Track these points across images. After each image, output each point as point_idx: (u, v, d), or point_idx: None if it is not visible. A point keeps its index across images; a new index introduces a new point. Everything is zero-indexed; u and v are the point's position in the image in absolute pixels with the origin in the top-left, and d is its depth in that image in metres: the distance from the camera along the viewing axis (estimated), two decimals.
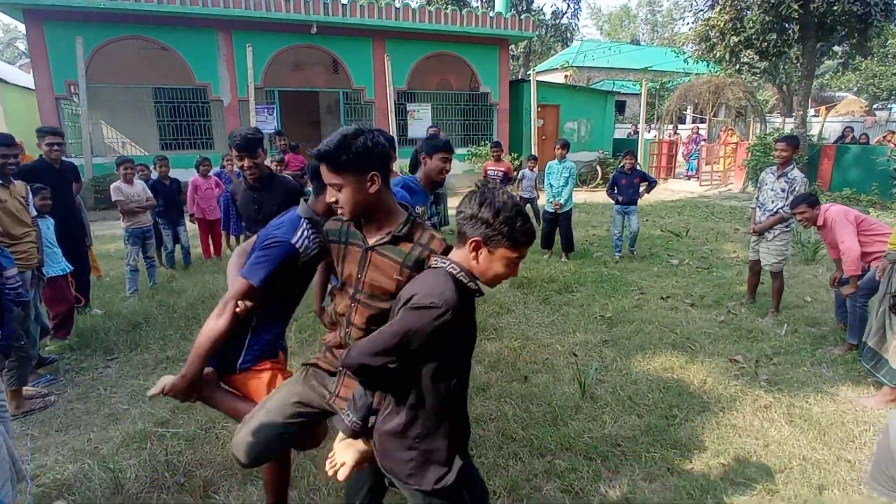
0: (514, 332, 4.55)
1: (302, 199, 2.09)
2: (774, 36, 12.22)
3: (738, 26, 12.51)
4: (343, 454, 1.64)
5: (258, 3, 11.44)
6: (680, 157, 17.01)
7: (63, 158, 4.68)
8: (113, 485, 2.60)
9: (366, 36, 12.78)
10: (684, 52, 16.63)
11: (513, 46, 19.59)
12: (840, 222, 4.00)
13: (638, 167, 7.10)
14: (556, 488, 2.62)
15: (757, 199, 4.99)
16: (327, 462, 1.69)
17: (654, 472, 2.75)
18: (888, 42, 20.01)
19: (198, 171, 6.53)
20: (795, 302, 5.24)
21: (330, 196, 1.69)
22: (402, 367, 1.49)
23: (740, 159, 13.18)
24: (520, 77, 20.95)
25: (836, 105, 21.12)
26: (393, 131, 12.74)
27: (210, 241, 6.80)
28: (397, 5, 12.71)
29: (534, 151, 14.15)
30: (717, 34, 12.89)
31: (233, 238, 6.59)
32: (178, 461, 2.81)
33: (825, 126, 15.45)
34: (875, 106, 21.97)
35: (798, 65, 13.70)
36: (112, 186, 5.36)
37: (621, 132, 20.04)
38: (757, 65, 14.19)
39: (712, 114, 18.27)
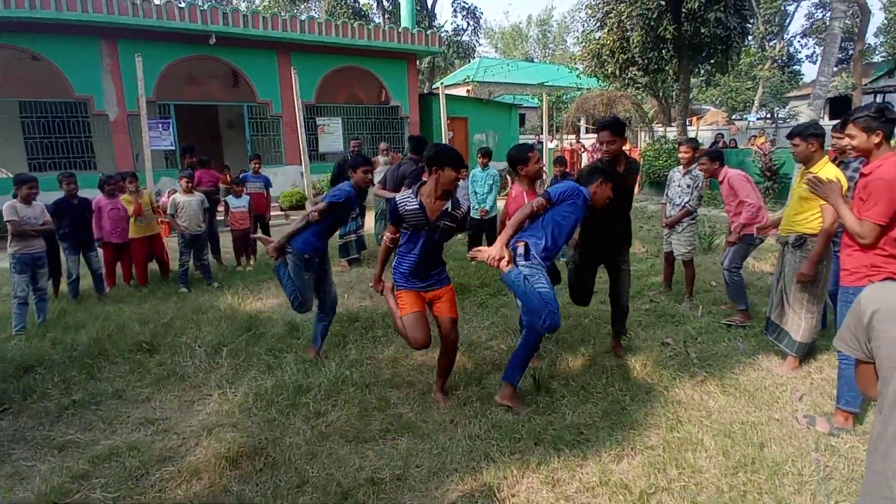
0: (460, 338, 4.55)
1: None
2: (654, 54, 13.53)
3: (624, 46, 13.70)
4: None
5: (148, 10, 10.61)
6: (585, 164, 18.17)
7: None
8: None
9: (270, 48, 12.33)
10: (577, 69, 17.89)
11: (417, 61, 19.93)
12: (741, 183, 4.66)
13: (569, 175, 7.45)
14: (535, 482, 2.64)
15: (666, 195, 5.44)
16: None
17: (619, 453, 2.86)
18: (741, 60, 22.96)
19: (102, 191, 5.89)
20: (704, 287, 5.76)
21: None
22: None
23: None
24: (426, 91, 21.31)
25: (703, 116, 23.84)
26: (303, 146, 12.36)
27: (120, 268, 6.19)
28: (302, 18, 12.42)
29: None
30: (608, 52, 14.02)
31: None
32: None
33: (698, 134, 17.32)
34: (733, 116, 25.05)
35: (675, 80, 15.25)
36: (6, 205, 4.74)
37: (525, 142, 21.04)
38: (640, 80, 15.60)
39: None
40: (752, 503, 2.49)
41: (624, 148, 4.06)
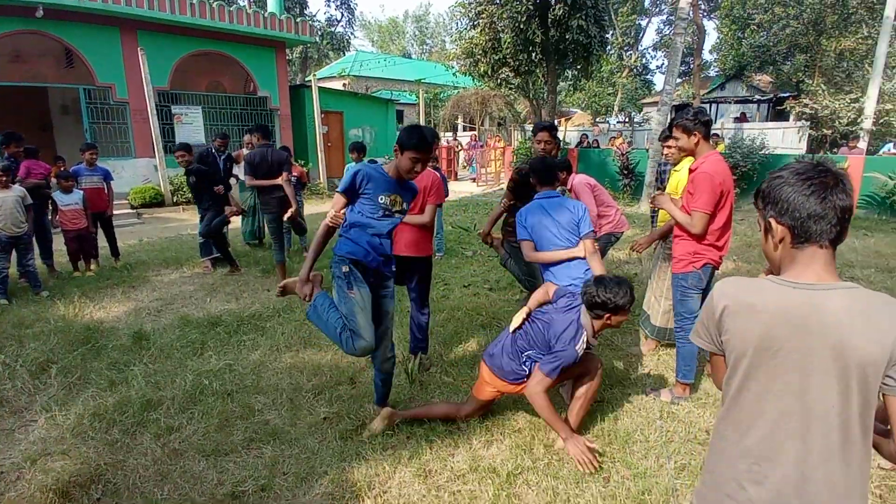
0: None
1: None
2: (524, 56, 14.25)
3: (496, 46, 14.25)
4: None
5: None
6: (462, 161, 18.64)
7: None
8: None
9: (111, 25, 10.90)
10: (453, 67, 18.29)
11: (288, 51, 18.99)
12: (581, 189, 4.72)
13: (439, 169, 7.53)
14: (407, 475, 2.61)
15: None
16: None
17: (489, 439, 2.94)
18: (602, 67, 25.14)
19: None
20: None
21: None
22: None
23: (508, 161, 15.07)
24: (298, 83, 20.40)
25: (571, 117, 25.76)
26: (156, 136, 11.18)
27: None
28: None
29: (320, 158, 14.01)
30: (480, 52, 14.49)
31: None
32: None
33: (566, 134, 18.64)
34: (598, 119, 27.42)
35: (545, 83, 16.22)
36: None
37: None
38: (512, 81, 16.36)
39: (480, 122, 20.50)
40: (607, 471, 2.68)
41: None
